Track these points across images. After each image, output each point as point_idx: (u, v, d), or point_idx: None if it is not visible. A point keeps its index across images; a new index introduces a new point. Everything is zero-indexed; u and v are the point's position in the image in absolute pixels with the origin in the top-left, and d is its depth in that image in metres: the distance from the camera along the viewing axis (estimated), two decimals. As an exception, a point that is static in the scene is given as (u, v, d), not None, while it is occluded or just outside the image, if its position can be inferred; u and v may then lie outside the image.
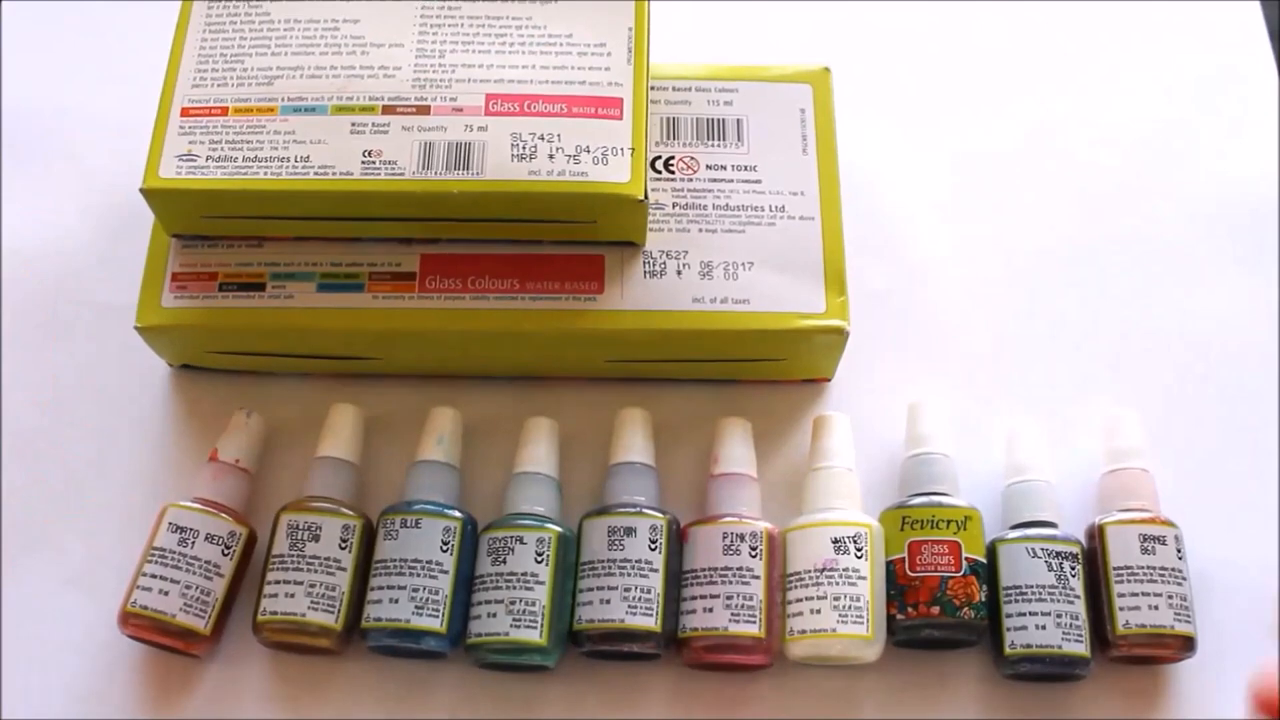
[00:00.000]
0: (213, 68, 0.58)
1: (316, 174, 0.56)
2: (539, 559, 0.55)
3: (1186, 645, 0.54)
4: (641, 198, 0.55)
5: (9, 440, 0.62)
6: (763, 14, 0.74)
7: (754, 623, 0.54)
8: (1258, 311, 0.65)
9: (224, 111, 0.57)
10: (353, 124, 0.56)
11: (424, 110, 0.56)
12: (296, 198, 0.56)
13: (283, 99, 0.57)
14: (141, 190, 0.56)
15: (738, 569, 0.55)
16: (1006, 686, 0.56)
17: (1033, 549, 0.55)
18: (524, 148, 0.56)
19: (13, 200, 0.69)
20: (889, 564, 0.55)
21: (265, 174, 0.56)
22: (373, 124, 0.56)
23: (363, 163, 0.56)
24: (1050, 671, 0.54)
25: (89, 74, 0.73)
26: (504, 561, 0.55)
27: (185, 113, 0.57)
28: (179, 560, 0.55)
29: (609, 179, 0.55)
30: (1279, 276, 0.66)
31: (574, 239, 0.59)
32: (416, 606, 0.54)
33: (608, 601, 0.54)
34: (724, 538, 0.55)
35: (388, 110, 0.57)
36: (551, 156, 0.55)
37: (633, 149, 0.56)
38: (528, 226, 0.58)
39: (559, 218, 0.57)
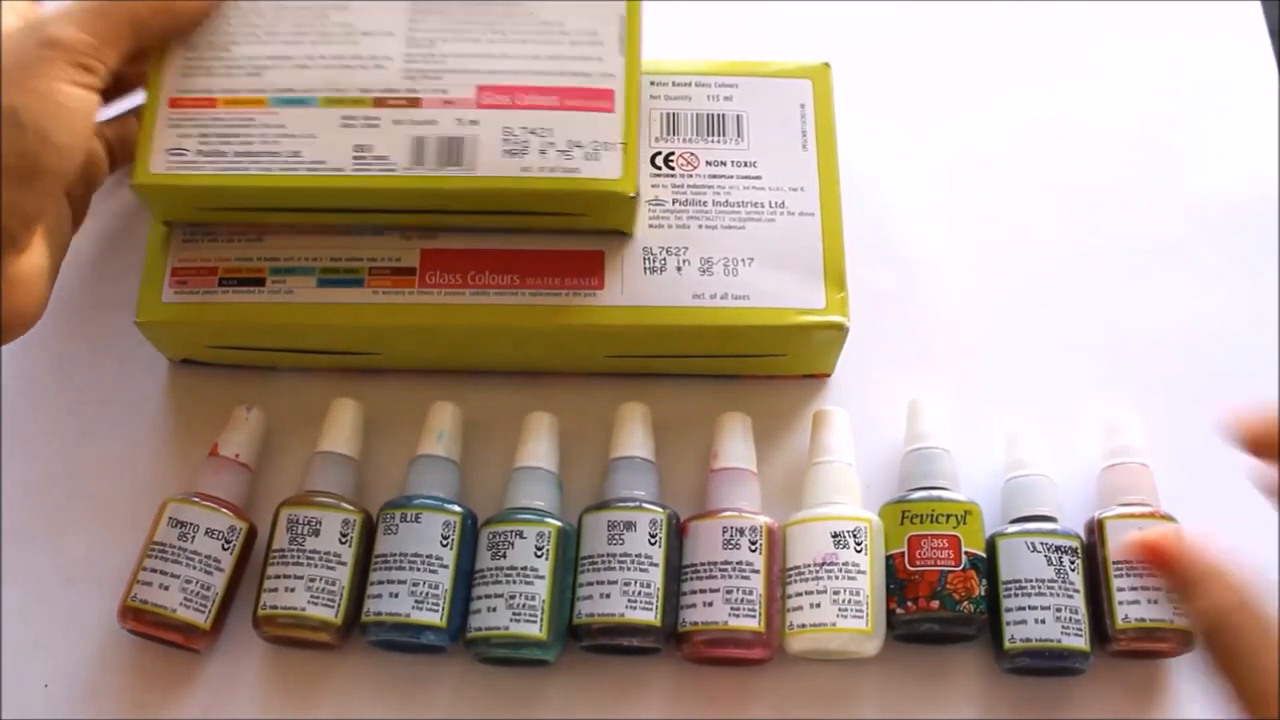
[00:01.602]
0: (200, 56, 0.58)
1: (308, 170, 0.55)
2: (539, 553, 0.55)
3: (1185, 640, 0.54)
4: (632, 194, 0.55)
5: (9, 436, 0.63)
6: (762, 9, 0.74)
7: (754, 617, 0.54)
8: (1257, 311, 0.65)
9: (212, 103, 0.57)
10: (343, 117, 0.56)
11: (415, 103, 0.56)
12: (288, 193, 0.56)
13: (272, 90, 0.57)
14: (132, 185, 0.56)
15: (737, 563, 0.55)
16: (1006, 681, 0.56)
17: (1032, 543, 0.55)
18: (515, 143, 0.56)
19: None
20: (888, 558, 0.55)
21: (256, 169, 0.56)
22: (364, 117, 0.56)
23: (354, 158, 0.56)
24: (1049, 665, 0.54)
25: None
26: (504, 556, 0.55)
27: (173, 103, 0.57)
28: (179, 555, 0.56)
29: (600, 175, 0.55)
30: (1279, 276, 0.66)
31: (564, 229, 0.59)
32: (416, 601, 0.54)
33: (608, 596, 0.54)
34: (724, 532, 0.55)
35: (379, 103, 0.56)
36: (543, 152, 0.55)
37: (624, 143, 0.56)
38: (518, 217, 0.58)
39: (550, 211, 0.57)
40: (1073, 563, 0.55)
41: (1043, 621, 0.54)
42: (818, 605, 0.54)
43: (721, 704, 0.56)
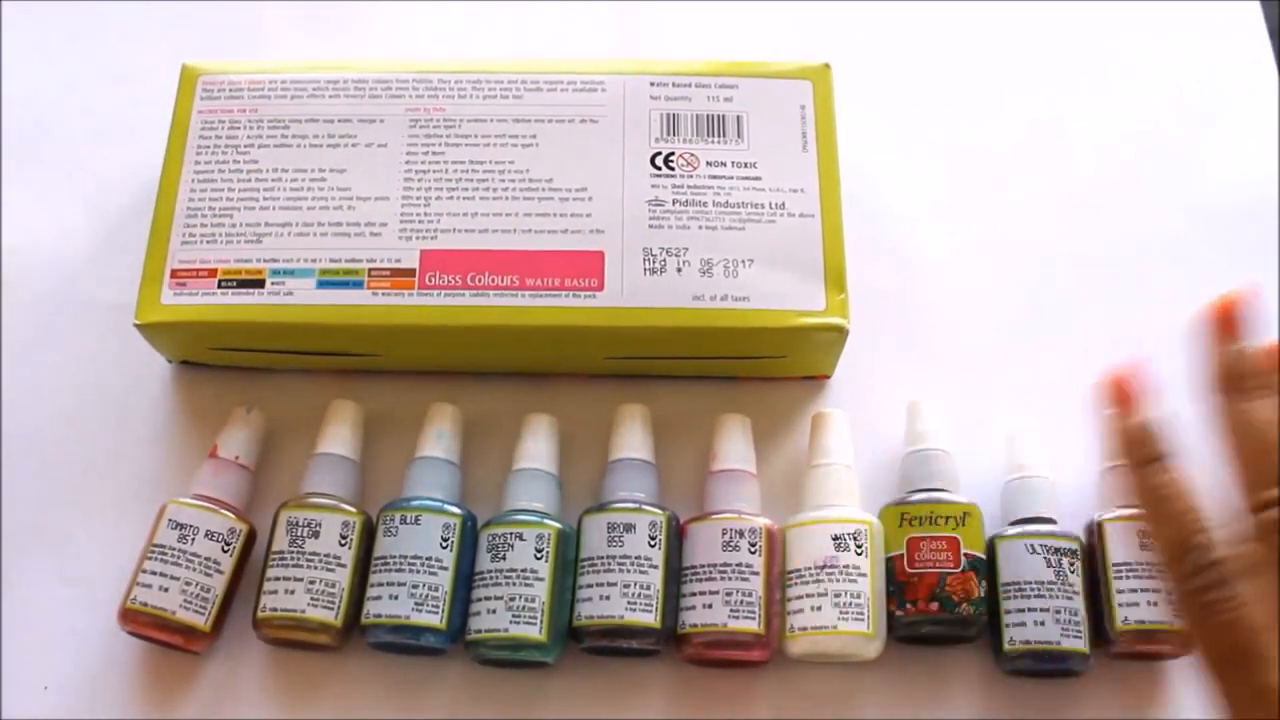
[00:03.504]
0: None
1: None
2: (539, 555, 0.55)
3: (1185, 643, 0.54)
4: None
5: (9, 438, 0.63)
6: (762, 9, 0.74)
7: (753, 619, 0.54)
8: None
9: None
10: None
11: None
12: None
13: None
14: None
15: (737, 565, 0.55)
16: (1006, 682, 0.56)
17: (1032, 545, 0.55)
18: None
19: (13, 199, 0.69)
20: (888, 560, 0.55)
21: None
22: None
23: None
24: (1049, 667, 0.54)
25: (90, 74, 0.73)
26: (504, 558, 0.55)
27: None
28: (179, 557, 0.55)
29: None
30: (1279, 276, 0.66)
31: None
32: (416, 603, 0.54)
33: (607, 598, 0.54)
34: (723, 534, 0.55)
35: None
36: None
37: None
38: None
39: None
40: (1072, 565, 0.55)
41: (1042, 623, 0.54)
42: (819, 608, 0.54)
43: (720, 706, 0.56)
